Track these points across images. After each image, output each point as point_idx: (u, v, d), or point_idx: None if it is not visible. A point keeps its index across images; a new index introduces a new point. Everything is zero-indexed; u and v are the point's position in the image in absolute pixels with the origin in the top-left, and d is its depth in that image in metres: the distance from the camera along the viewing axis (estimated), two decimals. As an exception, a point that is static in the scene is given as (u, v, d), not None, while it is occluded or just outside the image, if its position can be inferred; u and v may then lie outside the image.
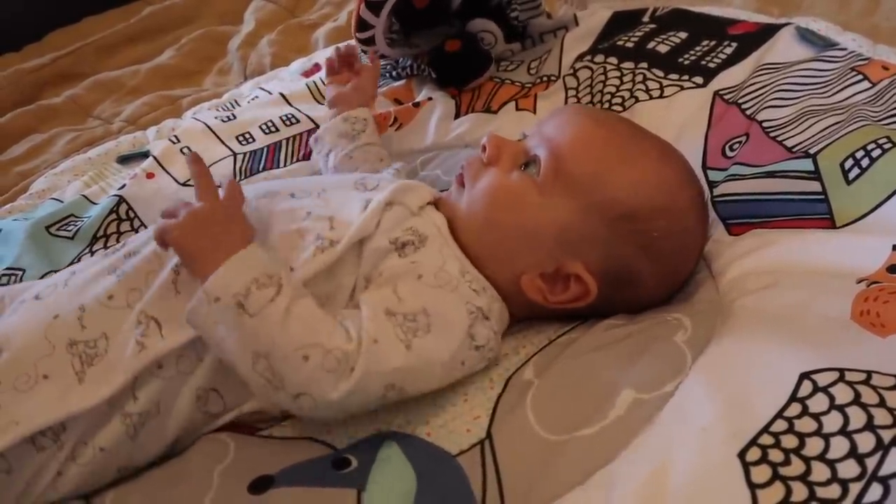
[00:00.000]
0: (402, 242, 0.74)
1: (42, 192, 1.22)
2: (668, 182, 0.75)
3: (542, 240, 0.74)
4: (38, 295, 0.76)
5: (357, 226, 0.73)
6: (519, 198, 0.76)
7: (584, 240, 0.73)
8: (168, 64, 1.63)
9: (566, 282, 0.75)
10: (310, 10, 1.73)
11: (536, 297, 0.75)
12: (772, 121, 0.90)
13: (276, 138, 1.18)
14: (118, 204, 1.10)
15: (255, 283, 0.65)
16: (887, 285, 0.68)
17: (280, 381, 0.64)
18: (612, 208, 0.73)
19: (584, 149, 0.75)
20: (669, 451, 0.59)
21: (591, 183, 0.74)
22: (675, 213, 0.75)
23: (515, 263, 0.75)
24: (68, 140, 1.41)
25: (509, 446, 0.65)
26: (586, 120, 0.80)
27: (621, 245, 0.73)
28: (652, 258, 0.74)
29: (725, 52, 1.05)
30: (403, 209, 0.76)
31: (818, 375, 0.61)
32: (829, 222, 0.77)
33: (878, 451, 0.54)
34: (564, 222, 0.74)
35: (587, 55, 1.14)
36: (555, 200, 0.74)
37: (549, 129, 0.79)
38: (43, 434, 0.69)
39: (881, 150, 0.78)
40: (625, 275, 0.75)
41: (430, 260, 0.73)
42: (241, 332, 0.64)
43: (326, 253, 0.72)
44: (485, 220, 0.77)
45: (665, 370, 0.66)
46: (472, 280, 0.74)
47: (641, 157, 0.75)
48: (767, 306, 0.70)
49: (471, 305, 0.72)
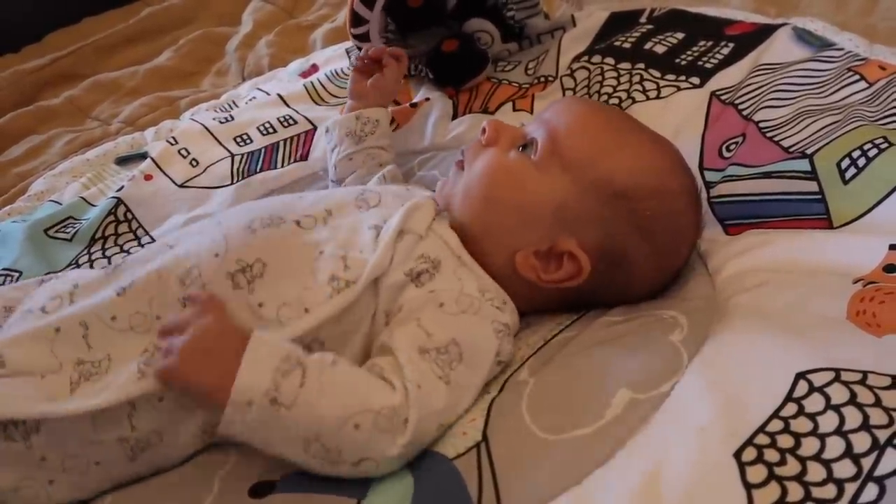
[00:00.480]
0: (417, 273, 0.73)
1: (41, 194, 1.22)
2: (661, 166, 0.77)
3: (537, 216, 0.76)
4: (44, 308, 0.74)
5: (372, 265, 0.72)
6: (516, 175, 0.77)
7: (579, 217, 0.75)
8: (166, 65, 1.63)
9: (559, 260, 0.76)
10: (308, 12, 1.72)
11: (530, 274, 0.76)
12: (769, 121, 0.90)
13: (274, 139, 1.18)
14: (116, 206, 1.10)
15: (279, 372, 0.63)
16: (884, 285, 0.68)
17: (337, 455, 0.64)
18: (607, 186, 0.75)
19: (581, 130, 0.78)
20: (665, 450, 0.59)
21: (587, 162, 0.76)
22: (667, 195, 0.76)
23: (511, 240, 0.76)
24: (67, 141, 1.41)
25: (505, 448, 0.65)
26: (584, 106, 0.84)
27: (615, 223, 0.75)
28: (644, 237, 0.75)
29: (722, 52, 1.05)
30: (413, 237, 0.75)
31: (814, 375, 0.61)
32: (826, 222, 0.77)
33: (874, 450, 0.55)
34: (560, 199, 0.75)
35: (584, 56, 1.14)
36: (551, 177, 0.76)
37: (547, 113, 0.82)
38: (15, 426, 0.68)
39: (878, 149, 0.78)
40: (618, 253, 0.76)
41: (448, 285, 0.73)
42: (284, 426, 0.63)
43: (342, 294, 0.71)
44: (482, 198, 0.78)
45: (661, 370, 0.66)
46: (494, 297, 0.75)
47: (636, 142, 0.78)
48: (763, 305, 0.71)
49: (497, 324, 0.73)
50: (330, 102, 1.25)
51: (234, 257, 0.73)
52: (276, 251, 0.74)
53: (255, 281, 0.72)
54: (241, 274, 0.72)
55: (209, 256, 0.74)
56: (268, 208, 0.79)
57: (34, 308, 0.75)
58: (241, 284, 0.72)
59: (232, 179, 1.12)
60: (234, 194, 1.09)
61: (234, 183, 1.11)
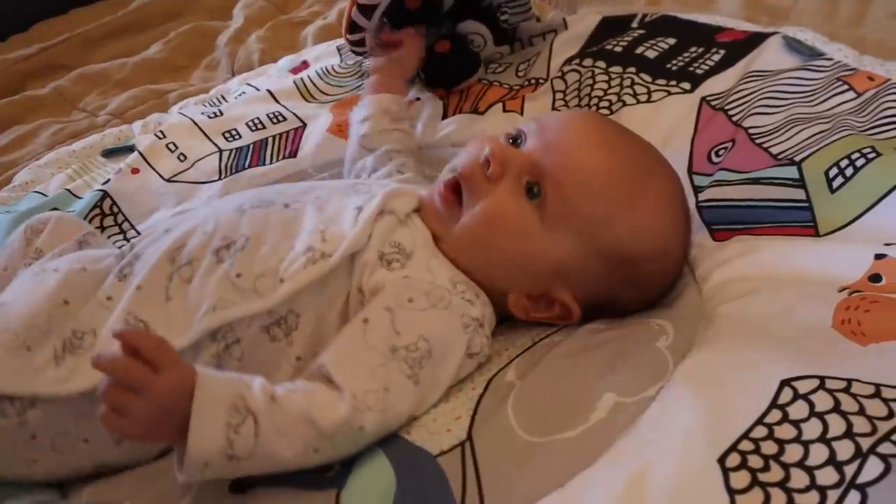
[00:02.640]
0: (388, 259, 0.73)
1: (25, 185, 1.21)
2: (669, 226, 0.77)
3: (536, 269, 0.75)
4: (57, 269, 0.76)
5: (350, 239, 0.72)
6: (521, 227, 0.75)
7: (578, 275, 0.75)
8: (155, 58, 1.62)
9: (551, 304, 0.76)
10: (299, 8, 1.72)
11: (519, 313, 0.77)
12: (758, 128, 0.90)
13: (263, 135, 1.17)
14: (102, 199, 1.09)
15: (230, 428, 0.60)
16: (868, 294, 0.68)
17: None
18: (615, 252, 0.74)
19: (593, 186, 0.74)
20: (650, 455, 0.59)
21: (598, 226, 0.74)
22: (671, 255, 0.78)
23: (504, 284, 0.76)
24: (53, 132, 1.40)
25: (490, 448, 0.65)
26: (595, 146, 0.76)
27: (613, 281, 0.75)
28: (639, 290, 0.77)
29: (713, 58, 1.05)
30: (392, 218, 0.75)
31: (799, 383, 0.61)
32: (813, 230, 0.77)
33: (857, 458, 0.55)
34: (563, 258, 0.75)
35: (575, 59, 1.14)
36: (558, 235, 0.74)
37: (553, 140, 0.76)
38: (11, 401, 0.69)
39: (865, 159, 0.78)
40: (608, 303, 0.77)
41: (420, 274, 0.73)
42: (247, 470, 0.62)
43: (318, 265, 0.71)
44: (482, 242, 0.76)
45: (647, 374, 0.66)
46: (465, 290, 0.74)
47: (647, 198, 0.75)
48: (749, 313, 0.71)
49: (466, 318, 0.72)
50: (320, 100, 1.25)
51: (221, 234, 0.74)
52: (261, 227, 0.74)
53: (236, 254, 0.73)
54: (224, 249, 0.73)
55: (198, 234, 0.75)
56: (258, 194, 0.81)
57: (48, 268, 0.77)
58: (223, 258, 0.73)
59: (220, 175, 1.11)
60: (222, 190, 1.08)
61: (221, 178, 1.10)
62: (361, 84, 1.25)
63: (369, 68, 1.08)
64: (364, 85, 1.12)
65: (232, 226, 0.75)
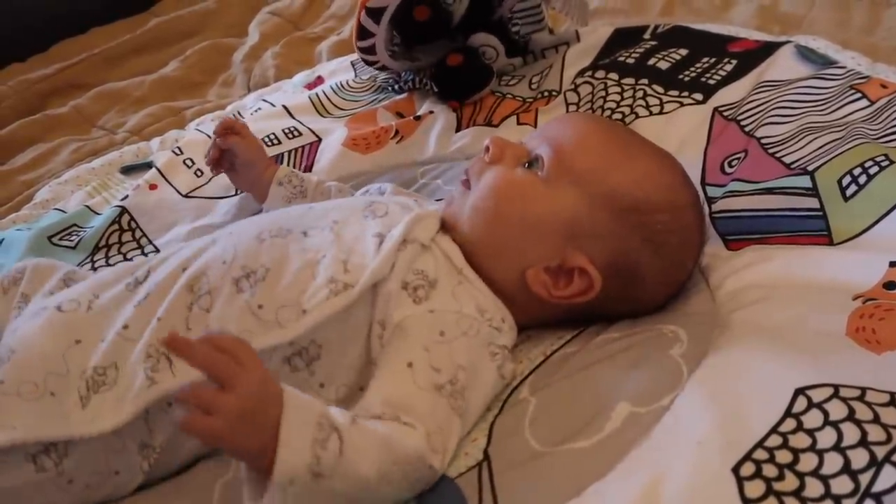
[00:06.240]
0: (414, 287, 0.73)
1: (45, 202, 1.23)
2: (670, 181, 0.78)
3: (547, 232, 0.75)
4: (60, 306, 0.75)
5: (372, 269, 0.72)
6: (525, 190, 0.77)
7: (589, 232, 0.75)
8: (172, 75, 1.64)
9: (570, 276, 0.75)
10: (314, 24, 1.73)
11: (541, 291, 0.76)
12: (771, 137, 0.90)
13: (278, 150, 1.19)
14: (120, 215, 1.10)
15: (317, 444, 0.59)
16: (883, 302, 0.68)
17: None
18: (618, 200, 0.74)
19: (589, 145, 0.78)
20: (664, 464, 0.59)
21: (597, 175, 0.75)
22: (677, 209, 0.77)
23: (520, 257, 0.76)
24: (72, 150, 1.42)
25: (506, 463, 0.65)
26: (587, 121, 0.84)
27: (626, 237, 0.75)
28: (655, 251, 0.75)
29: (725, 68, 1.05)
30: (416, 246, 0.75)
31: (813, 391, 0.61)
32: (827, 239, 0.77)
33: (872, 467, 0.55)
34: (570, 214, 0.75)
35: (588, 70, 1.15)
36: (560, 192, 0.75)
37: (549, 130, 0.81)
38: (47, 453, 0.68)
39: (879, 167, 0.78)
40: (629, 268, 0.75)
41: (445, 305, 0.72)
42: (327, 492, 0.60)
43: (340, 297, 0.71)
44: (491, 215, 0.77)
45: (661, 384, 0.66)
46: (492, 316, 0.74)
47: (643, 156, 0.78)
48: (763, 320, 0.71)
49: (493, 347, 0.73)
50: (334, 114, 1.26)
51: (240, 264, 0.74)
52: (280, 257, 0.74)
53: (257, 285, 0.73)
54: (244, 279, 0.73)
55: (217, 264, 0.75)
56: (277, 220, 0.80)
57: (49, 306, 0.76)
58: (243, 289, 0.73)
59: (236, 190, 1.12)
60: (239, 205, 1.10)
61: (238, 193, 1.11)
62: (376, 98, 1.27)
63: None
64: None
65: (251, 255, 0.75)
